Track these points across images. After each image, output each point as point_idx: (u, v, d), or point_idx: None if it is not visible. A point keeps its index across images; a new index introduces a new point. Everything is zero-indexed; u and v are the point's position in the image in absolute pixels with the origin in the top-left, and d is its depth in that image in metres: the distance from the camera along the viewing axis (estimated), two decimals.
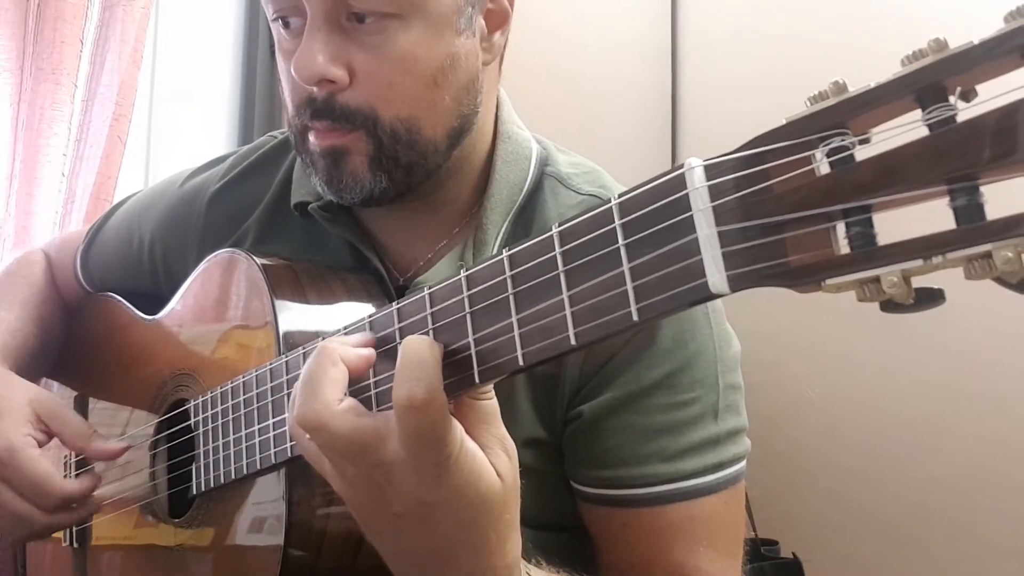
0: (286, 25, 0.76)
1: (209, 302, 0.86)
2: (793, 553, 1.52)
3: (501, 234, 0.81)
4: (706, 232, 0.41)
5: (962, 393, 1.58)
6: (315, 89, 0.74)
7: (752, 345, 0.86)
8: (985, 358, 1.56)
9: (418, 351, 0.52)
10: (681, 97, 1.91)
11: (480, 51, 0.79)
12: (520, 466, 0.57)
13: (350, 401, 0.54)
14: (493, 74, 0.83)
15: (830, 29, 1.76)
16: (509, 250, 0.51)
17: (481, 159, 0.85)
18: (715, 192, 0.41)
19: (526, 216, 0.83)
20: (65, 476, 0.99)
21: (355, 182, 0.76)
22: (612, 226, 0.45)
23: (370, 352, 0.57)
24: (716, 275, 0.40)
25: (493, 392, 0.56)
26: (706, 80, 1.90)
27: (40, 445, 0.86)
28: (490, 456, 0.54)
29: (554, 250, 0.48)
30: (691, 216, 0.41)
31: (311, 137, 0.77)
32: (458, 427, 0.53)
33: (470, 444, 0.53)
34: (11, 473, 0.83)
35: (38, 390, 0.92)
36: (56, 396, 1.00)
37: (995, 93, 0.33)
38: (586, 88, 1.95)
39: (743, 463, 0.80)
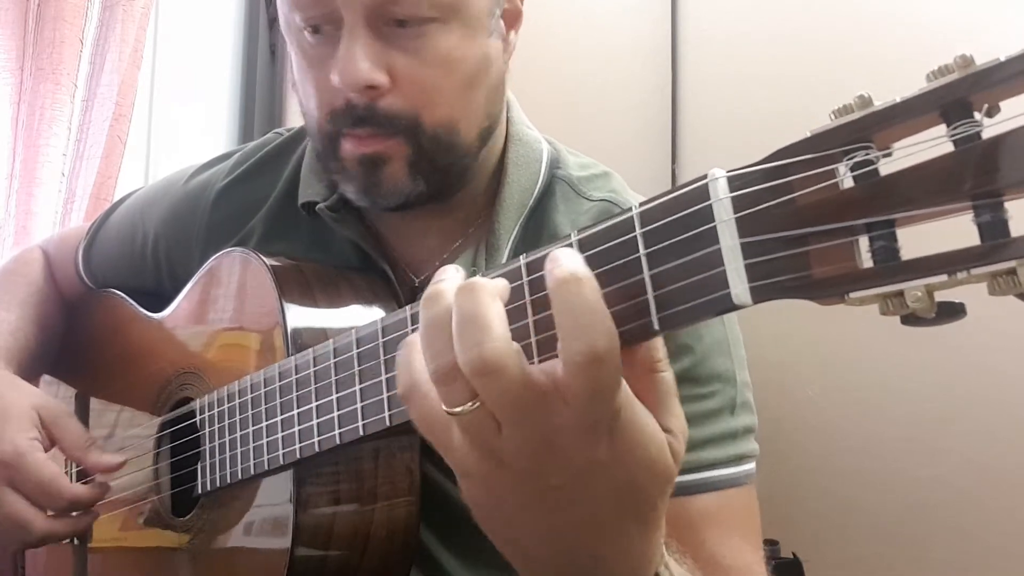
0: (315, 31, 0.75)
1: (215, 301, 0.86)
2: (793, 553, 1.52)
3: (512, 239, 0.81)
4: (729, 243, 0.41)
5: (963, 394, 1.59)
6: (353, 95, 0.72)
7: (753, 344, 0.86)
8: (986, 359, 1.56)
9: (579, 294, 0.43)
10: (681, 97, 1.90)
11: (503, 50, 0.79)
12: None
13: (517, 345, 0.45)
14: (506, 74, 0.84)
15: (830, 30, 1.76)
16: (527, 257, 0.50)
17: (493, 161, 0.85)
18: (738, 203, 0.41)
19: (536, 220, 0.83)
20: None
21: (394, 188, 0.76)
22: (633, 235, 0.45)
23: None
24: (739, 286, 0.40)
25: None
26: (706, 80, 1.90)
27: (45, 450, 0.86)
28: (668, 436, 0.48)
29: None
30: (714, 227, 0.41)
31: (346, 144, 0.75)
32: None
33: (634, 398, 0.47)
34: (19, 476, 0.83)
35: (42, 395, 0.92)
36: (59, 402, 1.00)
37: (1020, 111, 0.33)
38: (586, 88, 1.94)
39: (753, 463, 0.80)
